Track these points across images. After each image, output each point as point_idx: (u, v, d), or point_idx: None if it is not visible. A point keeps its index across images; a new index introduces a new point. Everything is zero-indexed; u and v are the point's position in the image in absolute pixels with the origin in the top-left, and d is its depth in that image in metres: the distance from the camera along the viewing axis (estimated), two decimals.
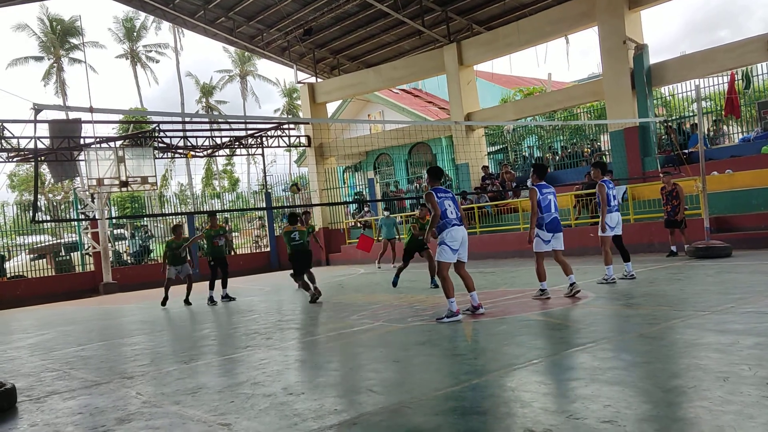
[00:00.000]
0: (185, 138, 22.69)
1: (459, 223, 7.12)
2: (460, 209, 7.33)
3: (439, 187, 7.31)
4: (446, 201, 7.11)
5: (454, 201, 7.21)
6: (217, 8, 23.15)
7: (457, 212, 7.18)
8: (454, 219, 7.08)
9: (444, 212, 7.04)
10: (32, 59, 46.25)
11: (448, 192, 7.31)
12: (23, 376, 6.36)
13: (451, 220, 7.06)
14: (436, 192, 7.13)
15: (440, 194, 7.13)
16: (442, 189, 7.24)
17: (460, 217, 7.21)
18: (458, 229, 7.08)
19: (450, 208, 7.10)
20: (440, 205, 7.03)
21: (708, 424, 3.15)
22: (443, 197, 7.13)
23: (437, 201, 7.03)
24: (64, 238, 24.20)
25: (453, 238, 7.01)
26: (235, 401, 4.49)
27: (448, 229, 7.01)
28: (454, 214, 7.10)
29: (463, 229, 7.15)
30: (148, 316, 11.93)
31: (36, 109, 7.45)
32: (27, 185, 44.10)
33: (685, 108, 19.69)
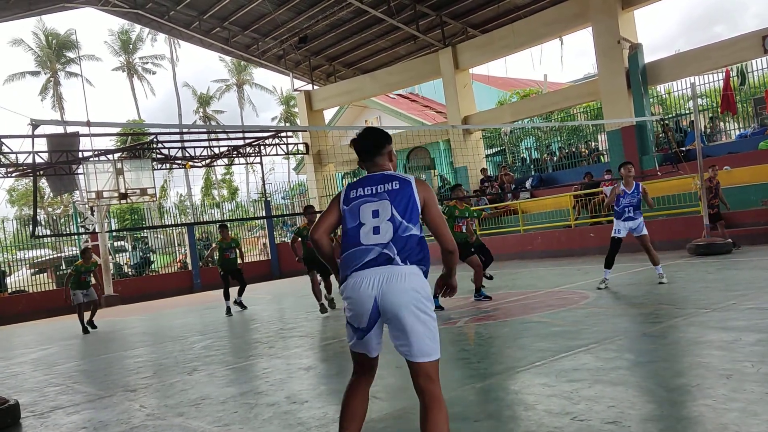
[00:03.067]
0: (183, 148, 22.70)
1: (375, 260, 2.83)
2: None
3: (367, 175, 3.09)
4: (365, 206, 2.95)
5: (395, 201, 2.91)
6: (212, 19, 23.21)
7: (398, 227, 2.86)
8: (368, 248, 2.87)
9: (350, 231, 2.95)
10: (29, 74, 46.30)
11: (384, 179, 3.01)
12: (26, 392, 6.35)
13: (358, 254, 2.88)
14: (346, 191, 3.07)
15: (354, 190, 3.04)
16: (365, 179, 3.07)
17: (403, 240, 2.85)
18: (359, 278, 2.84)
19: (368, 223, 2.90)
20: (347, 217, 2.98)
21: (712, 422, 3.14)
22: (358, 199, 2.99)
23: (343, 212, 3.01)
24: (64, 251, 24.20)
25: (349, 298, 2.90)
26: (239, 411, 4.49)
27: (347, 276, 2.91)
28: (381, 234, 2.86)
29: (377, 277, 2.80)
30: (150, 328, 11.92)
31: (33, 125, 7.47)
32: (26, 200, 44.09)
33: (682, 106, 19.73)
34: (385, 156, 3.10)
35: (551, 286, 9.69)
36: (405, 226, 2.85)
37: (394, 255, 2.81)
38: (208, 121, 52.49)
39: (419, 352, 2.75)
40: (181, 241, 25.43)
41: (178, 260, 25.22)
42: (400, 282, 2.76)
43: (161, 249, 25.61)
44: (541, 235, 16.43)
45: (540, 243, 16.08)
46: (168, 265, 24.98)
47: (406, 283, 2.76)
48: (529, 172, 21.98)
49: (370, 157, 3.11)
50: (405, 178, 2.97)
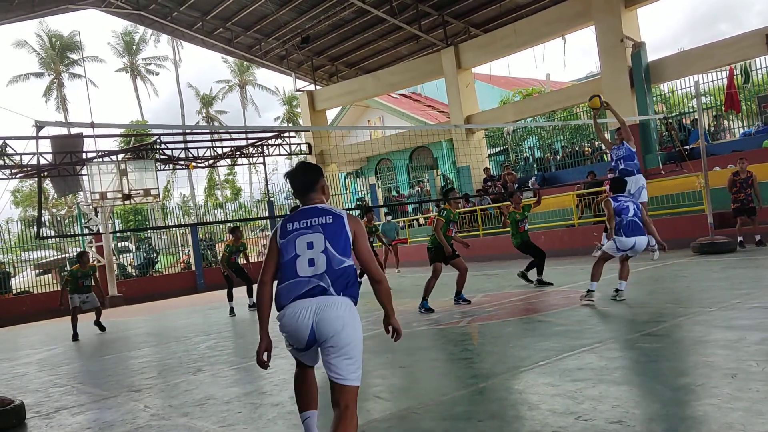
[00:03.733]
0: (186, 149, 22.73)
1: (310, 291, 3.00)
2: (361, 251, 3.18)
3: (304, 208, 3.23)
4: (299, 239, 3.08)
5: (328, 234, 3.07)
6: (215, 19, 23.26)
7: (331, 259, 3.02)
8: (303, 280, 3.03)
9: (287, 263, 3.08)
10: (33, 76, 46.44)
11: (319, 214, 3.15)
12: (31, 392, 6.37)
13: (294, 285, 3.04)
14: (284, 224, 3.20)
15: (291, 223, 3.15)
16: (300, 212, 3.19)
17: (336, 273, 3.02)
18: (295, 308, 3.00)
19: (304, 255, 3.05)
20: (284, 251, 3.11)
21: (717, 421, 3.14)
22: (294, 232, 3.11)
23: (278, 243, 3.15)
24: (69, 252, 24.26)
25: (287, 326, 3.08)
26: (243, 411, 4.49)
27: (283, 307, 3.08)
28: (316, 266, 3.02)
29: (312, 306, 2.97)
30: (154, 328, 11.94)
31: (38, 126, 7.49)
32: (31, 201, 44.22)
33: (685, 104, 19.69)
34: (318, 191, 3.27)
35: (554, 286, 9.68)
36: (339, 259, 3.03)
37: (328, 286, 2.99)
38: (211, 122, 52.56)
39: (344, 375, 2.96)
40: (184, 242, 25.47)
41: (182, 261, 25.27)
42: (335, 311, 2.95)
43: (165, 249, 25.66)
44: (544, 234, 16.40)
45: (543, 242, 15.99)
46: (172, 265, 25.03)
47: (339, 312, 2.96)
48: (532, 171, 21.96)
49: (304, 192, 3.27)
50: (338, 213, 3.16)
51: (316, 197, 3.26)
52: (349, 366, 2.95)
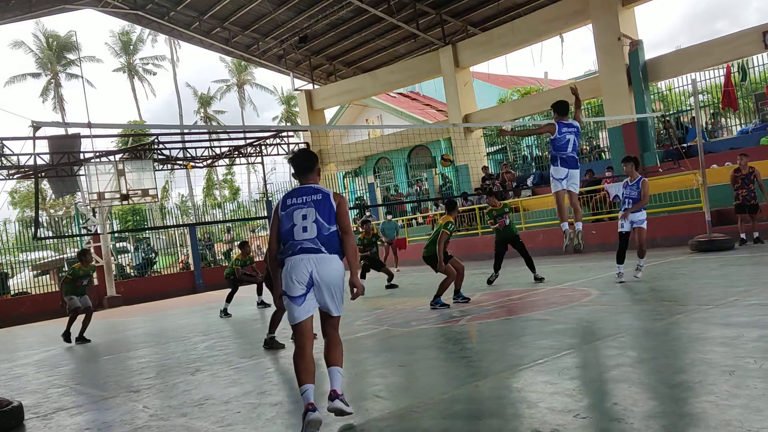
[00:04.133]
0: (184, 149, 22.71)
1: (307, 248, 3.90)
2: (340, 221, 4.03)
3: (301, 186, 4.14)
4: (297, 211, 3.99)
5: (318, 208, 3.97)
6: (212, 19, 23.23)
7: (321, 227, 3.93)
8: (302, 241, 3.92)
9: (285, 231, 3.98)
10: (30, 76, 46.37)
11: (311, 192, 4.05)
12: (30, 393, 6.37)
13: (292, 246, 3.94)
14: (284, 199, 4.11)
15: (290, 198, 4.06)
16: (297, 190, 4.10)
17: (325, 237, 3.93)
18: (297, 260, 3.90)
19: (299, 224, 3.96)
20: (284, 220, 4.01)
21: (715, 419, 3.14)
22: (292, 206, 4.02)
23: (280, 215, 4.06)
24: (66, 253, 24.23)
25: (291, 271, 3.93)
26: (242, 411, 4.49)
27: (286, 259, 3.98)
28: (309, 231, 3.93)
29: (312, 260, 3.90)
30: (153, 328, 11.93)
31: (35, 126, 7.49)
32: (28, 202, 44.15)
33: (683, 102, 19.71)
34: (314, 173, 4.18)
35: (553, 284, 9.69)
36: (326, 227, 3.96)
37: (319, 247, 3.93)
38: (209, 122, 52.53)
39: (335, 309, 4.04)
40: (183, 242, 25.46)
41: (180, 261, 25.25)
42: (328, 264, 3.93)
43: (163, 250, 25.64)
44: (543, 232, 16.42)
45: (542, 240, 16.06)
46: (170, 265, 25.01)
47: (332, 265, 3.94)
48: (530, 169, 21.98)
49: (303, 174, 4.17)
50: (326, 191, 4.07)
51: (311, 178, 4.15)
52: (337, 303, 4.00)
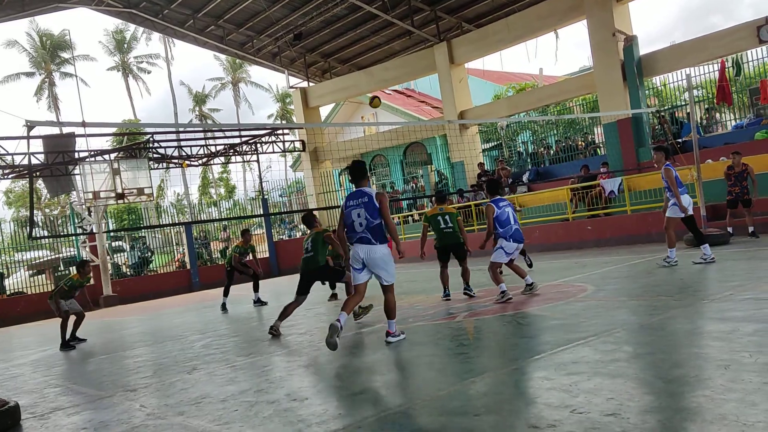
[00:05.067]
0: (180, 147, 22.67)
1: (362, 239, 6.01)
2: (384, 219, 6.03)
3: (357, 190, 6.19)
4: (354, 210, 6.05)
5: (366, 208, 5.98)
6: (207, 17, 23.17)
7: (369, 221, 5.97)
8: (358, 233, 6.04)
9: (348, 225, 6.10)
10: (23, 75, 46.21)
11: (361, 195, 6.09)
12: (26, 393, 6.36)
13: (354, 235, 6.07)
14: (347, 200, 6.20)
15: (349, 200, 6.15)
16: (353, 194, 6.16)
17: (372, 228, 5.98)
18: (357, 247, 6.05)
19: (355, 220, 6.04)
20: (346, 216, 6.13)
21: (711, 412, 3.15)
22: (349, 207, 6.12)
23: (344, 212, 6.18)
24: (62, 252, 24.17)
25: (353, 254, 6.12)
26: (239, 409, 4.49)
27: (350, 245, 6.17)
28: (362, 226, 6.01)
29: (366, 249, 6.00)
30: (149, 327, 11.92)
31: (29, 126, 7.46)
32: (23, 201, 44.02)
33: (677, 97, 19.74)
34: (365, 180, 6.19)
35: (549, 280, 9.71)
36: (372, 221, 5.96)
37: (370, 237, 5.99)
38: (204, 120, 52.43)
39: (385, 280, 6.09)
40: (179, 241, 25.43)
41: (177, 259, 25.22)
42: (375, 252, 6.00)
43: (159, 248, 25.60)
44: (539, 228, 16.45)
45: (537, 236, 16.09)
46: (166, 264, 24.98)
47: (378, 253, 6.00)
48: (525, 165, 21.99)
49: (357, 181, 6.18)
50: (370, 194, 6.02)
51: (362, 183, 6.16)
52: (387, 276, 6.09)
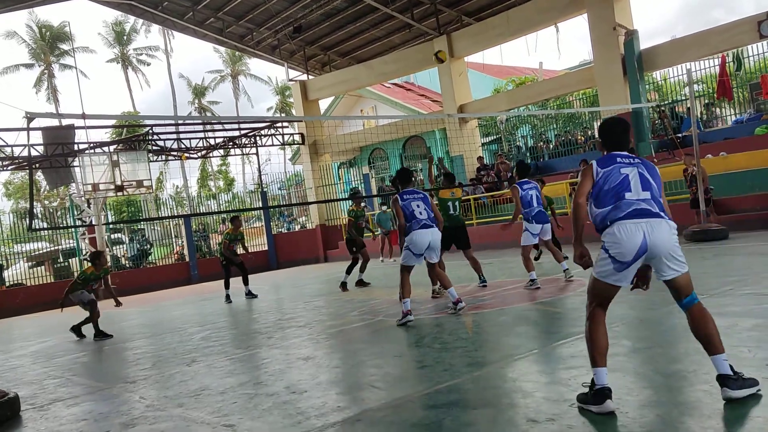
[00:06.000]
0: (179, 140, 22.62)
1: (429, 225, 6.94)
2: (434, 209, 7.21)
3: (408, 189, 7.23)
4: (413, 202, 7.04)
5: (425, 201, 7.10)
6: (206, 9, 23.07)
7: (429, 212, 7.03)
8: (422, 220, 6.94)
9: (411, 213, 6.98)
10: (23, 67, 46.04)
11: (419, 192, 7.23)
12: (26, 385, 6.36)
13: (419, 221, 6.93)
14: (402, 195, 7.13)
15: (407, 196, 7.11)
16: (410, 191, 7.20)
17: (433, 218, 7.06)
18: (423, 233, 6.89)
19: (418, 209, 7.00)
20: (406, 207, 7.00)
21: (709, 407, 3.17)
22: (409, 199, 7.08)
23: (402, 205, 7.02)
24: (61, 244, 24.16)
25: (414, 243, 6.90)
26: (239, 402, 4.50)
27: (411, 232, 6.94)
28: (424, 214, 6.97)
29: (430, 233, 6.92)
30: (149, 319, 11.93)
31: (28, 118, 7.44)
32: (23, 193, 43.97)
33: (678, 92, 19.72)
34: (412, 182, 7.37)
35: (548, 274, 9.72)
36: (431, 213, 7.06)
37: (431, 222, 6.98)
38: (203, 113, 52.30)
39: (436, 258, 7.32)
40: (178, 233, 25.42)
41: (176, 252, 25.21)
42: (437, 235, 7.03)
43: (158, 241, 25.59)
44: None
45: None
46: (165, 257, 24.97)
47: (438, 236, 7.07)
48: (525, 160, 21.97)
49: (408, 183, 7.29)
50: (425, 194, 7.22)
51: (411, 184, 7.31)
52: (436, 254, 7.17)
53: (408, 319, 6.76)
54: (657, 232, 3.28)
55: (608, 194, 3.39)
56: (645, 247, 3.26)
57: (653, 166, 3.58)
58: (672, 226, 3.35)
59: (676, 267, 3.32)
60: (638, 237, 3.26)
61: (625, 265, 3.33)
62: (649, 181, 3.45)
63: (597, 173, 3.49)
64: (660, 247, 3.27)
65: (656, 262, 3.33)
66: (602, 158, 3.57)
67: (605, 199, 3.40)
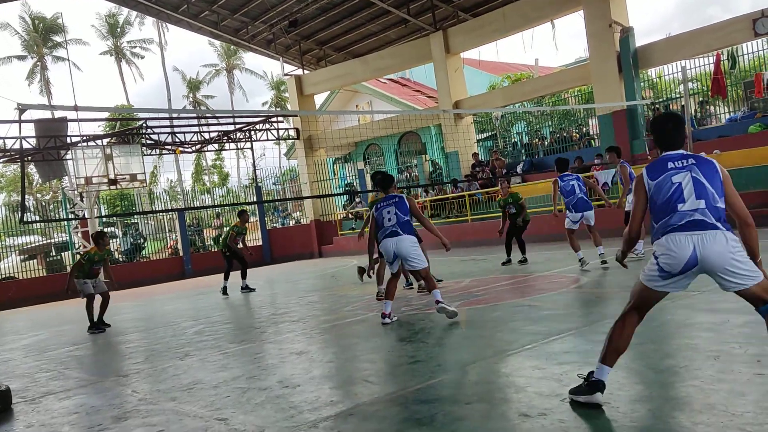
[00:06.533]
0: (173, 134, 22.55)
1: (395, 232, 6.52)
2: (414, 211, 6.68)
3: (387, 195, 6.88)
4: (385, 209, 6.68)
5: (397, 205, 6.62)
6: (201, 2, 22.95)
7: (399, 217, 6.56)
8: (388, 228, 6.59)
9: (381, 222, 6.69)
10: (15, 58, 45.75)
11: (393, 197, 6.75)
12: (18, 378, 6.35)
13: (385, 230, 6.62)
14: (377, 205, 6.86)
15: (380, 204, 6.78)
16: (386, 197, 6.85)
17: (404, 222, 6.55)
18: (386, 242, 6.59)
19: (388, 215, 6.62)
20: (378, 216, 6.72)
21: (700, 402, 3.18)
22: (382, 207, 6.72)
23: (375, 215, 6.80)
24: (54, 238, 24.05)
25: (383, 251, 6.73)
26: (231, 396, 4.50)
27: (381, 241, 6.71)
28: (392, 220, 6.58)
29: (393, 242, 6.50)
30: (142, 313, 11.91)
31: (20, 109, 7.39)
32: (14, 186, 43.75)
33: (672, 90, 19.76)
34: (392, 187, 6.96)
35: (542, 271, 9.74)
36: (403, 217, 6.57)
37: (398, 230, 6.51)
38: (197, 106, 52.13)
39: (415, 266, 6.65)
40: (171, 227, 25.35)
41: (169, 246, 25.15)
42: (403, 242, 6.51)
43: (152, 235, 25.51)
44: (532, 219, 16.43)
45: (531, 227, 16.08)
46: (159, 251, 24.90)
47: (405, 242, 6.52)
48: (520, 156, 22.00)
49: (387, 189, 6.91)
50: (401, 196, 6.73)
51: (391, 190, 6.89)
52: (416, 262, 6.56)
53: (385, 321, 6.60)
54: (710, 246, 3.07)
55: (662, 208, 3.22)
56: (695, 260, 3.09)
57: (710, 163, 3.25)
58: (730, 239, 3.09)
59: (738, 281, 3.10)
60: (687, 250, 3.09)
61: (672, 275, 3.19)
62: (705, 187, 3.16)
63: (648, 187, 3.28)
64: (713, 261, 3.07)
65: (712, 275, 3.15)
66: (652, 165, 3.33)
67: (659, 213, 3.24)
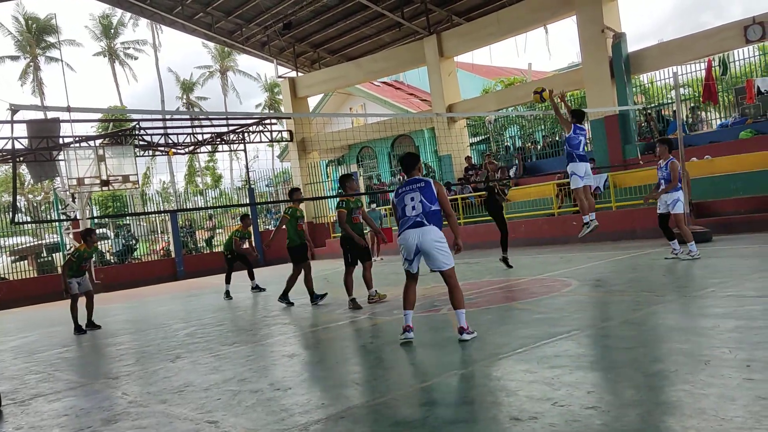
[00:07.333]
0: (166, 135, 22.48)
1: (414, 225, 5.46)
2: (441, 199, 5.56)
3: (411, 178, 5.75)
4: (407, 195, 5.60)
5: (423, 191, 5.53)
6: (195, 4, 22.92)
7: (425, 206, 5.46)
8: (411, 218, 5.51)
9: (402, 210, 5.61)
10: (8, 58, 45.54)
11: (419, 181, 5.65)
12: (6, 380, 6.30)
13: (407, 220, 5.53)
14: (398, 189, 5.77)
15: (402, 189, 5.70)
16: (410, 180, 5.72)
17: (428, 213, 5.45)
18: (407, 234, 5.48)
19: (411, 203, 5.54)
20: (399, 203, 5.65)
21: (690, 407, 3.19)
22: (404, 192, 5.66)
23: (395, 201, 5.71)
24: (45, 239, 23.92)
25: (402, 246, 5.59)
26: (222, 398, 4.48)
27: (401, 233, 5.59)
28: (418, 209, 5.48)
29: (417, 233, 5.42)
30: (133, 315, 11.85)
31: (13, 110, 7.35)
32: (6, 186, 43.48)
33: (664, 95, 19.86)
34: (417, 170, 5.84)
35: (534, 274, 9.76)
36: (429, 206, 5.49)
37: (423, 220, 5.47)
38: (191, 108, 52.00)
39: (441, 265, 5.45)
40: (164, 229, 25.26)
41: (161, 248, 25.05)
42: (428, 234, 5.43)
43: (144, 236, 25.41)
44: (525, 223, 16.51)
45: (523, 231, 16.16)
46: (151, 252, 24.80)
47: (431, 234, 5.43)
48: (513, 160, 22.04)
49: (410, 170, 5.81)
50: (427, 180, 5.63)
51: (416, 173, 5.79)
52: (444, 259, 5.43)
53: (407, 336, 5.58)
54: None
55: None
56: None
57: None
58: None
59: None
60: None
61: None
62: None
63: None
64: None
65: None
66: None
67: None
